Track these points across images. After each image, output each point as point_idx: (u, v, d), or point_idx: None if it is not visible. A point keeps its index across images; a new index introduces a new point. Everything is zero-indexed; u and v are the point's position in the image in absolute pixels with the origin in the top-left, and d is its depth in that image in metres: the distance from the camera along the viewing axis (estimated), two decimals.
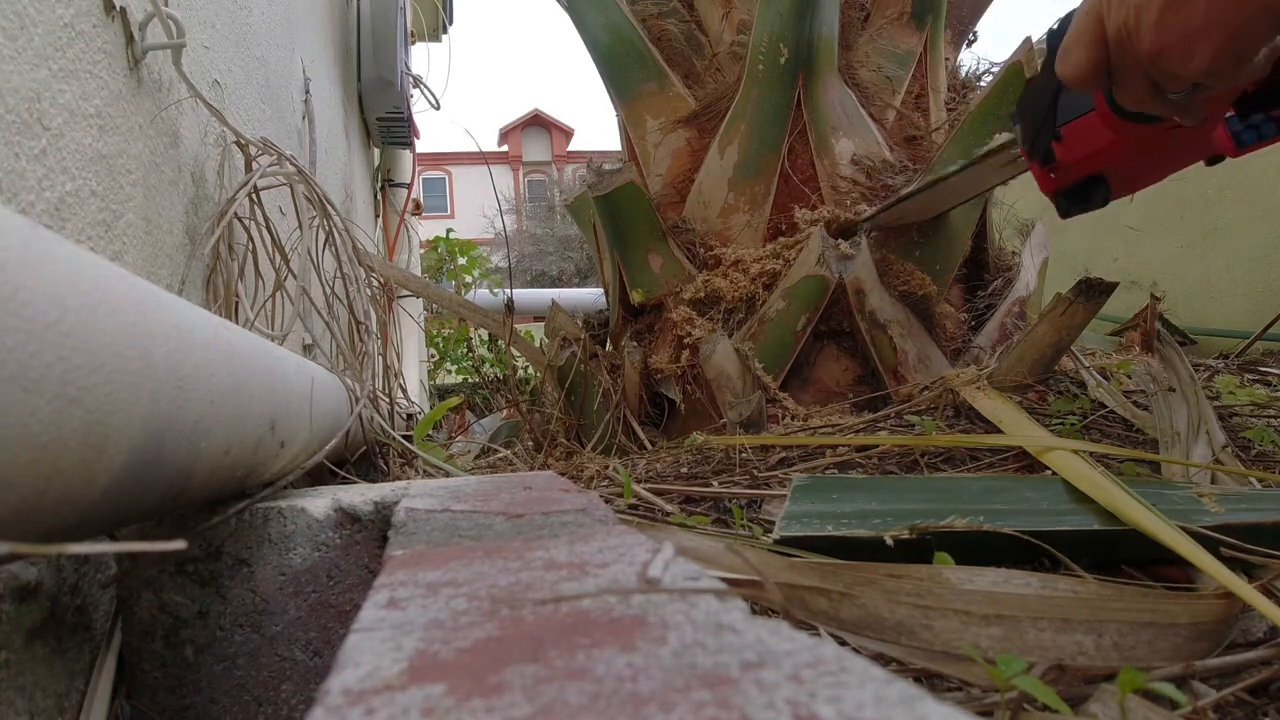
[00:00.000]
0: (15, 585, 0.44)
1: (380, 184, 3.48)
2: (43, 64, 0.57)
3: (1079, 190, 0.89)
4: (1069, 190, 0.90)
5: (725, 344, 1.32)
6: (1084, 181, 0.89)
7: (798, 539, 0.71)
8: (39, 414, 0.26)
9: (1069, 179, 0.89)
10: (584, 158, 8.85)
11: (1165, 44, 0.63)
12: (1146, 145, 0.84)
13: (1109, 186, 0.89)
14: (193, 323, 0.40)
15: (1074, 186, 0.90)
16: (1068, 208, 0.92)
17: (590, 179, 1.48)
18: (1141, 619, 0.54)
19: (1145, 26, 0.64)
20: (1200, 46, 0.61)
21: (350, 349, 1.13)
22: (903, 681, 0.20)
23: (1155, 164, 0.88)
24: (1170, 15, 0.62)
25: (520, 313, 1.96)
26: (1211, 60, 0.62)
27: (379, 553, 0.56)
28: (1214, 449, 0.95)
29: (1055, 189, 0.91)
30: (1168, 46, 0.63)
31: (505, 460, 1.54)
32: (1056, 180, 0.90)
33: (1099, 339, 1.92)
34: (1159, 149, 0.85)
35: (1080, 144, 0.86)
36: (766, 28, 1.40)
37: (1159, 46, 0.64)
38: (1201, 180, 2.54)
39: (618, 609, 0.28)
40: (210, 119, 0.97)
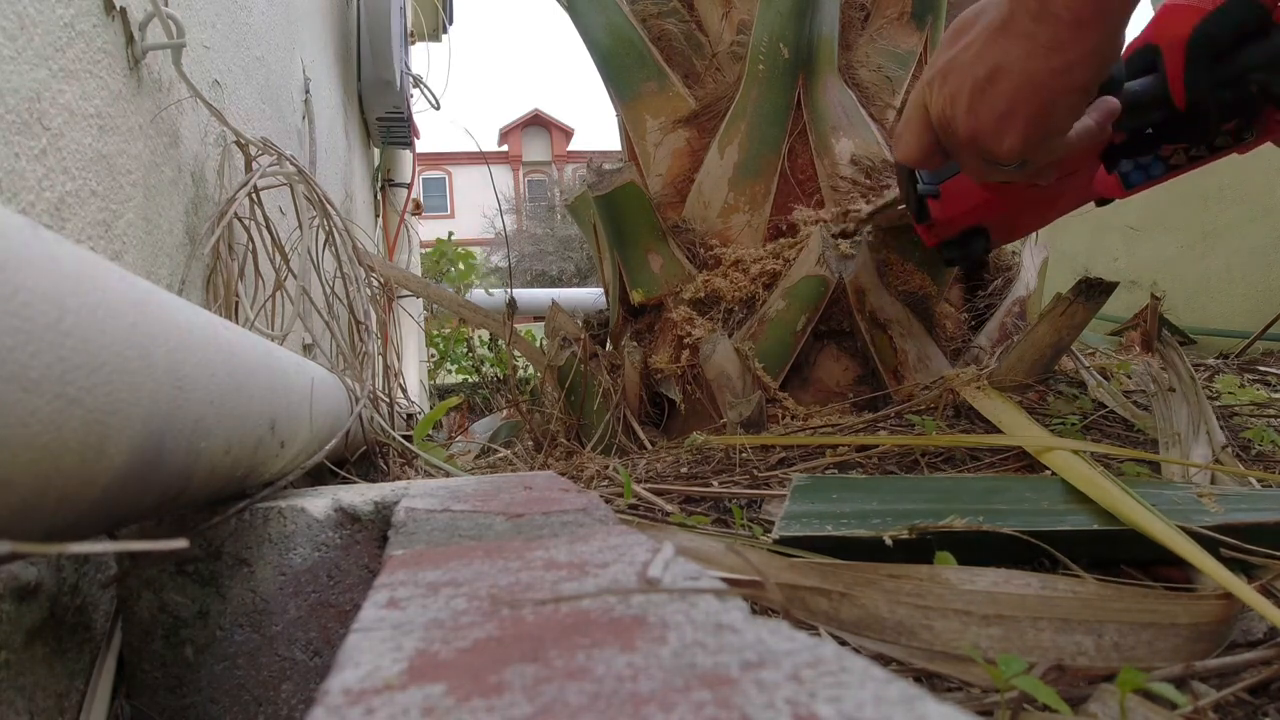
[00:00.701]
0: (15, 585, 0.44)
1: (380, 184, 3.49)
2: (43, 64, 0.57)
3: (959, 242, 0.94)
4: (950, 243, 0.95)
5: (725, 344, 1.32)
6: (963, 233, 0.93)
7: (798, 539, 0.71)
8: (39, 414, 0.26)
9: (948, 233, 0.94)
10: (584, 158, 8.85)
11: (978, 129, 0.68)
12: (1017, 199, 0.88)
13: (988, 237, 0.93)
14: (193, 323, 0.40)
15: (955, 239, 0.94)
16: (950, 259, 0.97)
17: (590, 179, 1.48)
18: (1141, 619, 0.54)
19: (959, 114, 0.69)
20: (1008, 130, 0.66)
21: (350, 349, 1.13)
22: (903, 681, 0.20)
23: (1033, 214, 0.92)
24: (978, 103, 0.66)
25: (520, 313, 1.96)
26: (1022, 141, 0.66)
27: (379, 552, 0.56)
28: (1214, 449, 0.95)
29: (936, 242, 0.96)
30: (980, 131, 0.68)
31: (505, 460, 1.54)
32: (935, 234, 0.95)
33: (1099, 339, 1.92)
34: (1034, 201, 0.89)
35: (955, 201, 0.91)
36: (767, 27, 1.40)
37: (972, 132, 0.68)
38: (1201, 180, 2.53)
39: (618, 609, 0.28)
40: (210, 119, 0.97)
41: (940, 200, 0.93)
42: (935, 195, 0.93)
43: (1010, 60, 0.63)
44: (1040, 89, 0.63)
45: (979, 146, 0.69)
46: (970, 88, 0.66)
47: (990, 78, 0.65)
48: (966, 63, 0.67)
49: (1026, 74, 0.62)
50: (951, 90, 0.68)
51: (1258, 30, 0.70)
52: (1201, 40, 0.70)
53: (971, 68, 0.66)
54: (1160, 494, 0.74)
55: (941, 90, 0.70)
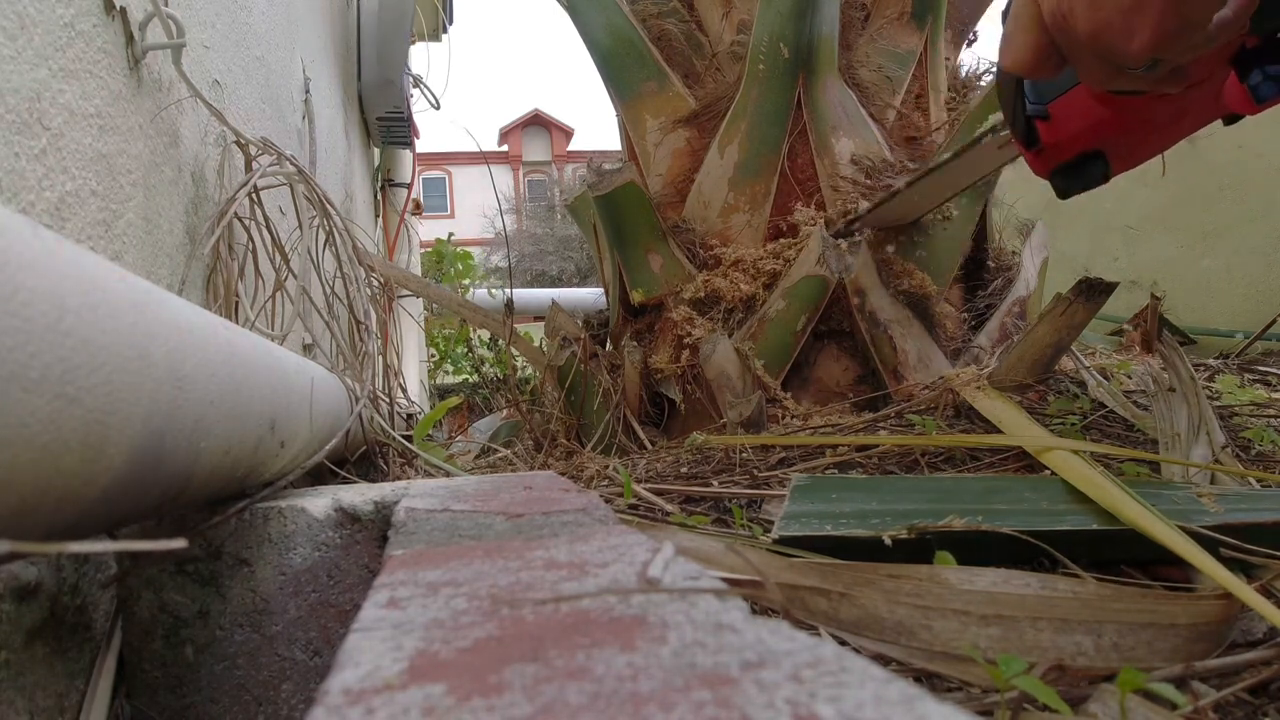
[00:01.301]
0: (15, 585, 0.44)
1: (380, 184, 3.49)
2: (43, 63, 0.57)
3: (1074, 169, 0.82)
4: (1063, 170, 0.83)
5: (725, 344, 1.32)
6: (1078, 159, 0.81)
7: (797, 539, 0.71)
8: (39, 414, 0.26)
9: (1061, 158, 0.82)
10: (584, 158, 8.85)
11: (1102, 23, 0.58)
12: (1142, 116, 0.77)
13: (1107, 162, 0.81)
14: (193, 322, 0.40)
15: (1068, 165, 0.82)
16: (1065, 188, 0.84)
17: (590, 179, 1.48)
18: (1141, 619, 0.54)
19: (1078, 7, 0.58)
20: (1139, 22, 0.56)
21: (350, 349, 1.13)
22: (903, 681, 0.20)
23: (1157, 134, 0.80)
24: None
25: (520, 313, 1.96)
26: (1153, 35, 0.56)
27: (379, 552, 0.56)
28: (1214, 449, 0.95)
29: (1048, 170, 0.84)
30: (1105, 25, 0.58)
31: (505, 460, 1.54)
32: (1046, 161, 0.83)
33: (1099, 339, 1.92)
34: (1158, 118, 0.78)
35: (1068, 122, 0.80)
36: (767, 27, 1.40)
37: (1096, 26, 0.58)
38: (1201, 180, 2.54)
39: (618, 609, 0.28)
40: (210, 119, 0.97)
41: (1050, 122, 0.80)
42: (1044, 116, 0.80)
43: None
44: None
45: (1103, 45, 0.59)
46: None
47: None
48: None
49: None
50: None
51: None
52: None
53: None
54: (1160, 494, 0.74)
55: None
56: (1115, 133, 0.79)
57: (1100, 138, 0.80)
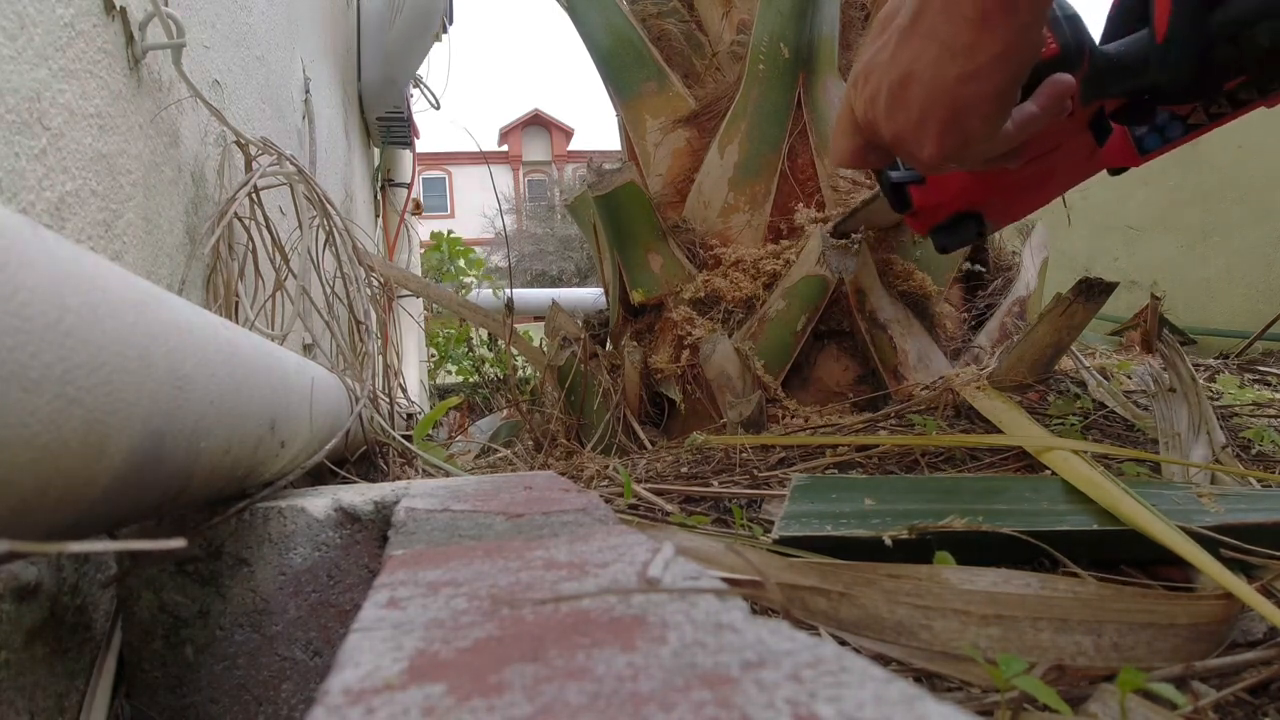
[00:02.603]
0: (15, 585, 0.44)
1: (380, 184, 3.49)
2: (43, 63, 0.57)
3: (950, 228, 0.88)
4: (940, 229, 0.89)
5: (725, 344, 1.32)
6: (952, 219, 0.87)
7: (797, 539, 0.71)
8: (39, 414, 0.26)
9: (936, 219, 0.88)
10: (584, 157, 8.86)
11: (898, 133, 0.64)
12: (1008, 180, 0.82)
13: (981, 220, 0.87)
14: (193, 322, 0.40)
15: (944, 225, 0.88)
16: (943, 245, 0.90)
17: (590, 179, 1.48)
18: (1141, 619, 0.54)
19: (879, 119, 0.65)
20: (925, 137, 0.62)
21: (350, 349, 1.13)
22: (903, 681, 0.20)
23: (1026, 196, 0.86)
24: (894, 108, 0.63)
25: (520, 313, 1.96)
26: (939, 149, 0.62)
27: (379, 552, 0.56)
28: (1214, 449, 0.95)
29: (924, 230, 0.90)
30: (901, 135, 0.64)
31: (505, 460, 1.54)
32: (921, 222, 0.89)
33: (1099, 339, 1.92)
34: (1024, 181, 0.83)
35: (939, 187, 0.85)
36: (767, 27, 1.40)
37: (894, 135, 0.64)
38: (1201, 180, 2.54)
39: (618, 609, 0.28)
40: (210, 119, 0.97)
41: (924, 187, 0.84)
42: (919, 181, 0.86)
43: (920, 64, 0.59)
44: (949, 95, 0.58)
45: (902, 151, 0.65)
46: (886, 91, 0.62)
47: (902, 82, 0.60)
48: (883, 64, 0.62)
49: (935, 80, 0.58)
50: (870, 93, 0.64)
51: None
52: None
53: (887, 70, 0.62)
54: (1160, 494, 0.74)
55: (863, 92, 0.65)
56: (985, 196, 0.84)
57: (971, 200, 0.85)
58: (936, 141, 0.61)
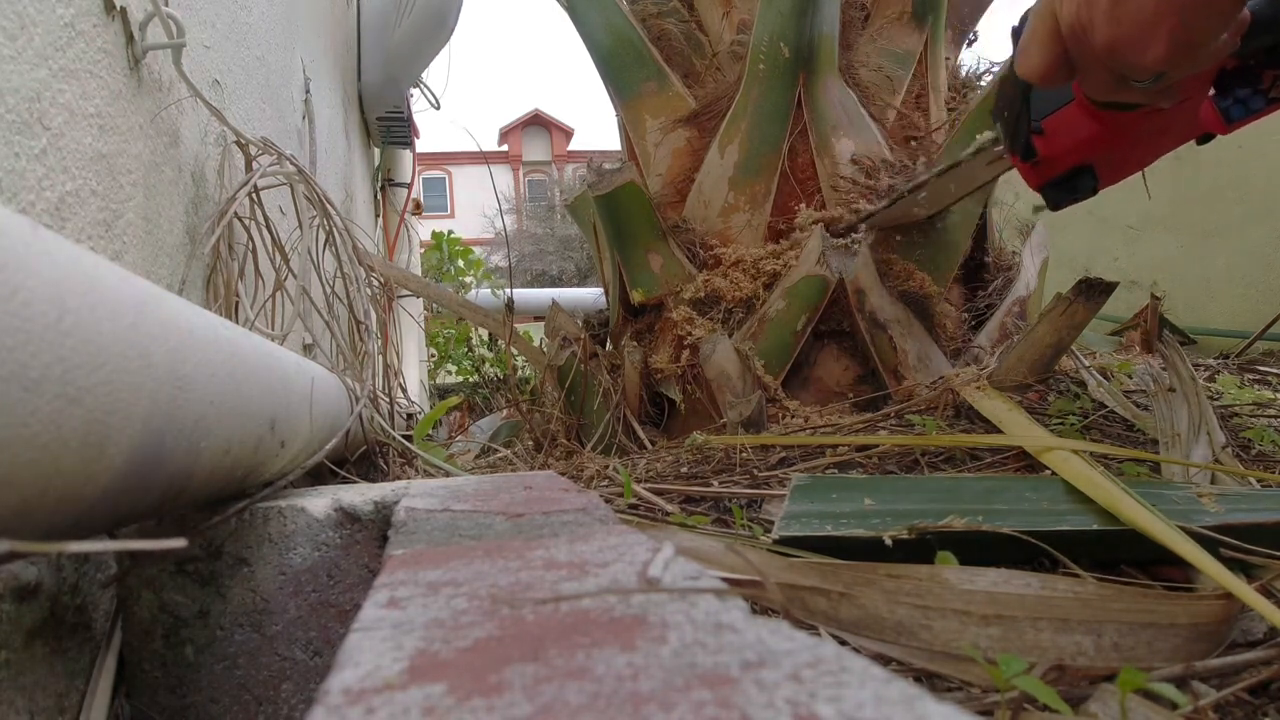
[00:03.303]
0: (15, 585, 0.44)
1: (380, 184, 3.48)
2: (43, 63, 0.57)
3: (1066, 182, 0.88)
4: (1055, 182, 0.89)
5: (725, 344, 1.32)
6: (1070, 173, 0.87)
7: (797, 539, 0.71)
8: (39, 413, 0.26)
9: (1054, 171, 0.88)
10: (584, 157, 8.85)
11: (1118, 37, 0.62)
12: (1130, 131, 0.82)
13: (1095, 176, 0.87)
14: (193, 322, 0.40)
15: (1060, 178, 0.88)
16: (1056, 200, 0.90)
17: (590, 179, 1.48)
18: (1141, 619, 0.54)
19: (1097, 21, 0.63)
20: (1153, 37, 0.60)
21: (350, 349, 1.13)
22: (903, 681, 0.20)
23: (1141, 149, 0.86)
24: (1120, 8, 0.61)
25: (520, 312, 1.96)
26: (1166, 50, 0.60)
27: (379, 552, 0.56)
28: (1214, 449, 0.95)
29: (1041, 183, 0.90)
30: (1121, 39, 0.62)
31: (505, 460, 1.54)
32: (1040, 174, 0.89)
33: (1099, 339, 1.92)
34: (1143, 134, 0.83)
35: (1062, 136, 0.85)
36: (767, 27, 1.40)
37: (1112, 40, 0.62)
38: (1201, 180, 2.54)
39: (618, 608, 0.28)
40: (210, 119, 0.97)
41: (1045, 137, 0.85)
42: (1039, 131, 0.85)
43: None
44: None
45: (1117, 58, 0.63)
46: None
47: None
48: None
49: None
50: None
51: None
52: None
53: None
54: (1160, 494, 0.74)
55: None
56: (1104, 148, 0.84)
57: (1090, 152, 0.85)
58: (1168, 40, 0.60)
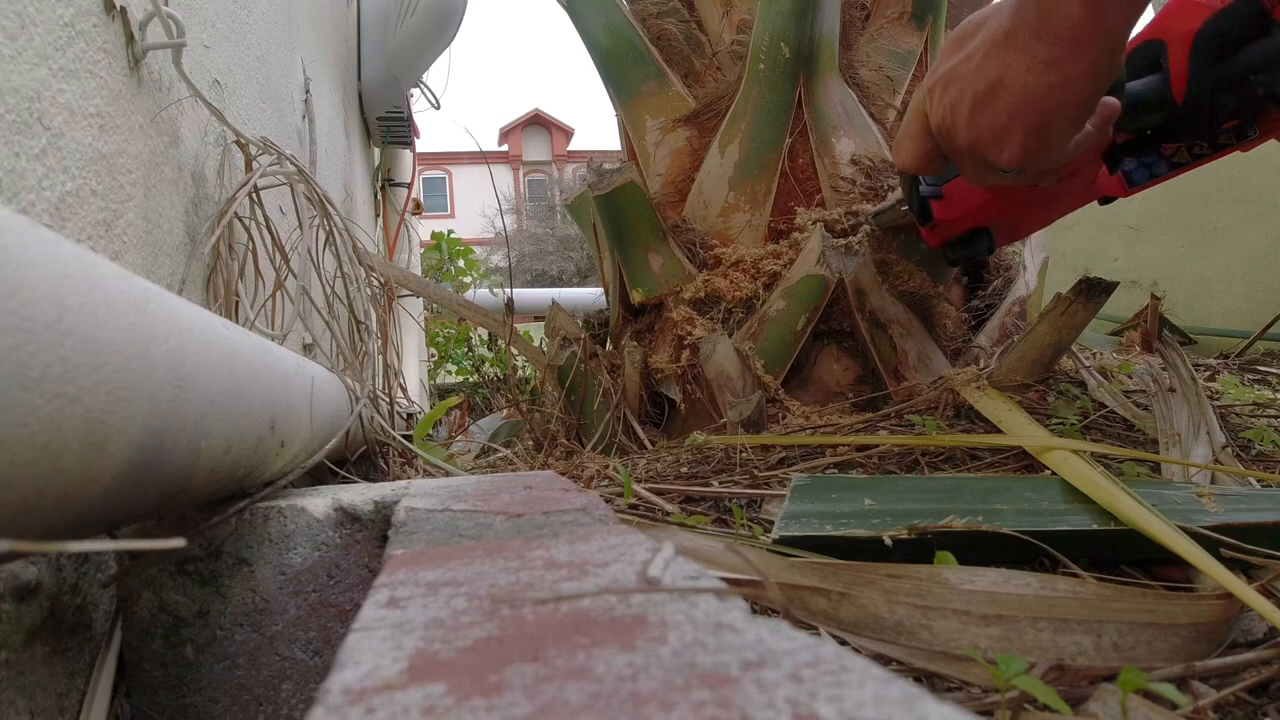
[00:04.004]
0: (15, 585, 0.44)
1: (380, 183, 3.48)
2: (43, 63, 0.57)
3: (963, 242, 0.95)
4: (953, 243, 0.96)
5: (725, 344, 1.32)
6: (967, 234, 0.94)
7: (797, 539, 0.71)
8: (39, 413, 0.26)
9: (951, 234, 0.95)
10: (584, 157, 8.85)
11: (977, 139, 0.69)
12: (1021, 199, 0.88)
13: (991, 237, 0.94)
14: (193, 322, 0.40)
15: (957, 240, 0.95)
16: (954, 259, 0.97)
17: (590, 178, 1.48)
18: (1141, 619, 0.54)
19: (959, 124, 0.69)
20: (1008, 141, 0.67)
21: (350, 348, 1.13)
22: (903, 681, 0.20)
23: (1036, 213, 0.93)
24: (978, 115, 0.67)
25: (520, 312, 1.96)
26: (1020, 153, 0.67)
27: (379, 552, 0.56)
28: (1214, 449, 0.95)
29: (939, 244, 0.97)
30: (980, 141, 0.69)
31: (505, 460, 1.54)
32: (938, 235, 0.96)
33: (1099, 339, 1.92)
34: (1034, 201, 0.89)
35: (958, 202, 0.91)
36: (768, 27, 1.40)
37: (972, 142, 0.69)
38: (1201, 180, 2.54)
39: (618, 608, 0.28)
40: (210, 118, 0.97)
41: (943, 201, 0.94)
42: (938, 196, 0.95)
43: (1010, 74, 0.64)
44: (1039, 104, 0.63)
45: (978, 155, 0.70)
46: (971, 98, 0.67)
47: (990, 90, 0.65)
48: (968, 74, 0.67)
49: (1026, 89, 0.63)
50: (952, 100, 0.69)
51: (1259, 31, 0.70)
52: (1210, 36, 0.70)
53: (972, 79, 0.67)
54: (1160, 494, 0.74)
55: (942, 99, 0.70)
56: (998, 214, 0.92)
57: (984, 217, 0.92)
58: (1020, 145, 0.66)
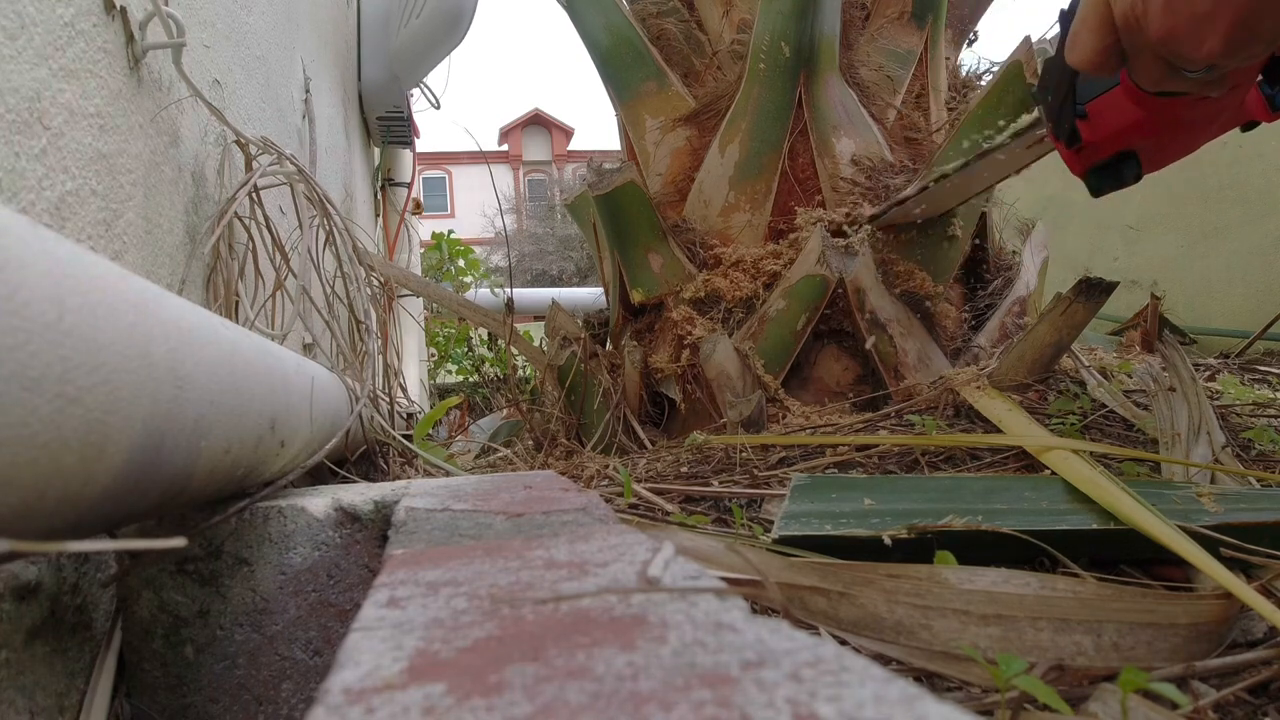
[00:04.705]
0: (16, 584, 0.44)
1: (380, 183, 3.48)
2: (43, 63, 0.57)
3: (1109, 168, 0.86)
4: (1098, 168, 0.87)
5: (725, 343, 1.32)
6: (1114, 158, 0.85)
7: (797, 539, 0.71)
8: (39, 413, 0.26)
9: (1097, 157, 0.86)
10: (584, 157, 8.86)
11: (1174, 28, 0.61)
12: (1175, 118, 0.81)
13: (1139, 162, 0.86)
14: (193, 322, 0.40)
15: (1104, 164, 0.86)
16: (1098, 186, 0.88)
17: (590, 178, 1.48)
18: (1141, 619, 0.54)
19: (1153, 11, 0.62)
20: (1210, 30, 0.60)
21: (350, 348, 1.13)
22: (903, 680, 0.20)
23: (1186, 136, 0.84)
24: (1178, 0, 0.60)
25: (520, 312, 1.96)
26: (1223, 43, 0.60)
27: (379, 552, 0.56)
28: (1214, 449, 0.95)
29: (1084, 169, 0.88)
30: (1177, 30, 0.61)
31: (505, 460, 1.54)
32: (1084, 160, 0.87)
33: (1099, 338, 1.92)
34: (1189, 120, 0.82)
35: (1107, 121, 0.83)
36: (768, 26, 1.40)
37: (1168, 31, 0.62)
38: (1201, 180, 2.54)
39: (618, 608, 0.28)
40: (210, 118, 0.97)
41: (1089, 121, 0.84)
42: (1083, 116, 0.84)
43: None
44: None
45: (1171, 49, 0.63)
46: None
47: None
48: None
49: None
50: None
51: None
52: None
53: None
54: (1160, 494, 0.74)
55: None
56: (1148, 134, 0.83)
57: (1134, 138, 0.84)
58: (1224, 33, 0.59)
